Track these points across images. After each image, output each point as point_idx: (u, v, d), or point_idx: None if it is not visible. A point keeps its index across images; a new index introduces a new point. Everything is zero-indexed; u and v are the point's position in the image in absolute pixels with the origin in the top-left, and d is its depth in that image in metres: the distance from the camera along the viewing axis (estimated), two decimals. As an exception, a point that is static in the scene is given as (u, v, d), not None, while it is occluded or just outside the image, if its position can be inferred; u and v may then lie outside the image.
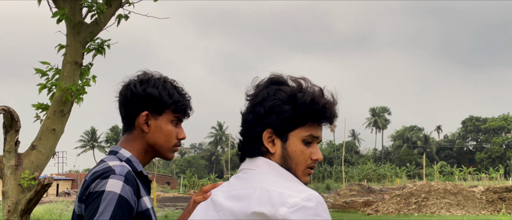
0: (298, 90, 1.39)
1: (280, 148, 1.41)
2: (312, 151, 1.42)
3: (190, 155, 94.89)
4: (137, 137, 1.72)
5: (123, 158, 1.68)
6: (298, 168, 1.41)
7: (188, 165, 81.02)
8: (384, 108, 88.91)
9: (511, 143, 76.39)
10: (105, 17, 4.08)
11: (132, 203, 1.55)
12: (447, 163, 74.28)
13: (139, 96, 1.71)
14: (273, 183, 1.31)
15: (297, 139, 1.40)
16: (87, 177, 1.60)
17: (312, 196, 1.25)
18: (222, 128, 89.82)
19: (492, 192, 19.32)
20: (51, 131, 3.94)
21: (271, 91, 1.40)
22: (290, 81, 1.43)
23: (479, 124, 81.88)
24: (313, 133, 1.41)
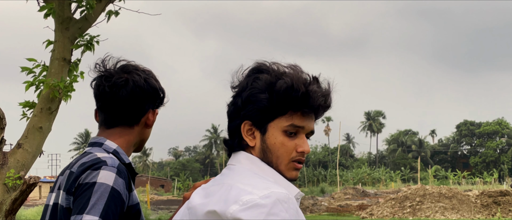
0: (278, 77, 1.28)
1: (260, 141, 1.30)
2: (297, 142, 1.29)
3: (185, 158, 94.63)
4: (136, 131, 1.72)
5: (109, 149, 1.64)
6: (280, 162, 1.29)
7: (183, 168, 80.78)
8: (379, 112, 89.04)
9: (505, 147, 76.61)
10: (95, 12, 3.98)
11: (123, 196, 1.51)
12: (442, 167, 74.44)
13: (149, 93, 1.71)
14: (243, 179, 1.22)
15: (277, 130, 1.29)
16: (74, 169, 1.54)
17: (273, 193, 1.14)
18: (216, 131, 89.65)
19: (486, 196, 19.28)
20: (38, 129, 3.83)
21: (250, 81, 1.30)
22: (274, 68, 1.31)
23: (474, 128, 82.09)
24: (295, 122, 1.28)
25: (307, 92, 1.26)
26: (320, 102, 1.29)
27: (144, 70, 1.73)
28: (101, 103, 1.69)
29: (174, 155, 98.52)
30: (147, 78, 1.71)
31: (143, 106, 1.70)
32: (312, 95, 1.27)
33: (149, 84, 1.70)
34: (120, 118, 1.68)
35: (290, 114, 1.28)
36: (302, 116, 1.29)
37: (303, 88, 1.25)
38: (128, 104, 1.67)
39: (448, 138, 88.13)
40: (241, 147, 1.33)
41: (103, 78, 1.68)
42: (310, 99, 1.27)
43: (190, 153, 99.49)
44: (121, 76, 1.67)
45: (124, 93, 1.66)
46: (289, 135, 1.29)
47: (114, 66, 1.71)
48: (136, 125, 1.71)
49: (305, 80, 1.27)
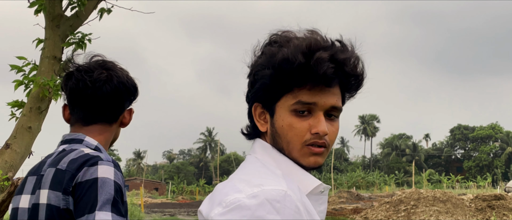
0: (281, 48, 1.09)
1: (270, 125, 1.13)
2: (311, 122, 1.08)
3: (179, 161, 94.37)
4: (113, 129, 1.68)
5: (91, 146, 1.59)
6: (291, 147, 1.09)
7: (177, 171, 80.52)
8: (373, 116, 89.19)
9: (499, 151, 76.88)
10: (86, 10, 3.90)
11: (124, 191, 1.48)
12: (435, 171, 74.55)
13: (131, 91, 1.68)
14: (245, 173, 1.08)
15: (285, 111, 1.10)
16: (62, 166, 1.46)
17: (263, 191, 0.97)
18: (211, 133, 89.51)
19: (481, 200, 19.29)
20: (27, 128, 3.73)
21: (257, 56, 1.15)
22: (283, 37, 1.12)
23: (467, 132, 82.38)
24: (303, 98, 1.07)
25: (307, 62, 1.05)
26: (328, 71, 1.05)
27: (121, 67, 1.69)
28: (80, 98, 1.61)
29: (168, 158, 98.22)
30: (128, 75, 1.68)
31: (123, 104, 1.67)
32: (316, 64, 1.05)
33: (131, 81, 1.68)
34: (101, 115, 1.63)
35: (298, 89, 1.08)
36: (310, 90, 1.08)
37: (300, 58, 1.05)
38: (110, 101, 1.62)
39: (442, 142, 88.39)
40: (257, 134, 1.18)
41: (84, 72, 1.61)
42: (313, 70, 1.05)
43: (184, 156, 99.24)
44: (102, 71, 1.61)
45: (107, 89, 1.61)
46: (300, 114, 1.09)
47: (94, 63, 1.65)
48: (114, 122, 1.67)
49: (310, 47, 1.06)
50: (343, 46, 1.10)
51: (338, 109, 1.11)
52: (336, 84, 1.10)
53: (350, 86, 1.13)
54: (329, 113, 1.11)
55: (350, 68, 1.08)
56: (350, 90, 1.14)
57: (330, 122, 1.11)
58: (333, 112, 1.11)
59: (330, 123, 1.11)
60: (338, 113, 1.12)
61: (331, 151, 37.74)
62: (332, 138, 1.11)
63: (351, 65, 1.09)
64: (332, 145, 1.12)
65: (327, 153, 1.11)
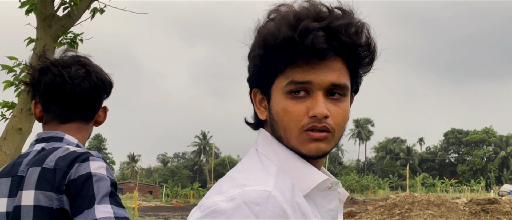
0: (272, 22, 0.98)
1: (268, 112, 1.02)
2: (308, 105, 0.95)
3: (173, 164, 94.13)
4: (89, 127, 1.63)
5: (72, 144, 1.53)
6: (288, 135, 0.96)
7: (171, 175, 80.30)
8: (368, 120, 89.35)
9: (492, 155, 77.18)
10: (79, 9, 3.84)
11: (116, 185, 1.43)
12: (429, 174, 74.74)
13: (109, 88, 1.64)
14: (238, 170, 0.97)
15: (279, 94, 0.97)
16: (49, 165, 1.40)
17: (242, 193, 0.87)
18: (205, 137, 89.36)
19: (475, 204, 19.32)
20: (17, 130, 3.67)
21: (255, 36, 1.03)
22: (278, 11, 0.98)
23: (461, 136, 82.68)
24: (296, 77, 0.94)
25: (293, 35, 0.92)
26: (317, 42, 0.91)
27: (95, 64, 1.63)
28: (57, 95, 1.53)
29: (162, 161, 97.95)
30: (104, 71, 1.63)
31: (100, 101, 1.62)
32: (301, 35, 0.91)
33: (108, 78, 1.63)
34: (78, 112, 1.57)
35: (289, 69, 0.95)
36: (304, 68, 0.94)
37: (285, 31, 0.92)
38: (89, 98, 1.56)
39: (436, 146, 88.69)
40: (261, 123, 1.06)
41: (60, 67, 1.53)
42: (300, 43, 0.92)
43: (179, 159, 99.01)
44: (80, 67, 1.55)
45: (86, 85, 1.55)
46: (296, 96, 0.95)
47: (69, 58, 1.58)
48: (91, 120, 1.62)
49: (297, 17, 0.93)
50: (343, 13, 0.96)
51: (342, 87, 0.96)
52: (336, 58, 0.96)
53: (355, 60, 0.98)
54: (332, 91, 0.96)
55: (348, 37, 0.94)
56: (357, 64, 0.99)
57: (334, 102, 0.96)
58: (336, 90, 0.96)
59: (333, 103, 0.96)
60: (344, 91, 0.97)
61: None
62: (338, 121, 0.96)
63: (350, 34, 0.94)
64: (340, 130, 0.98)
65: (333, 140, 0.97)
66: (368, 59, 0.99)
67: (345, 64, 0.97)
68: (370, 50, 0.98)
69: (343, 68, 0.97)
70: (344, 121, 0.98)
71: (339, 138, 0.99)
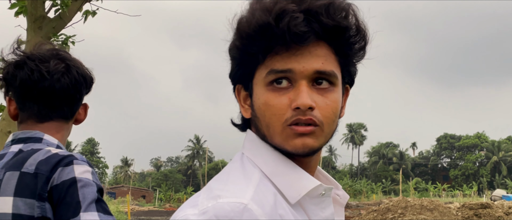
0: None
1: (251, 109, 0.92)
2: (291, 96, 0.85)
3: (167, 168, 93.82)
4: (69, 126, 1.52)
5: (52, 145, 1.42)
6: (272, 132, 0.87)
7: (165, 179, 80.00)
8: (361, 124, 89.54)
9: (485, 160, 77.51)
10: (70, 11, 3.80)
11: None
12: (422, 179, 75.00)
13: (90, 83, 1.53)
14: (217, 178, 0.88)
15: (260, 87, 0.88)
16: (29, 169, 1.29)
17: (215, 207, 0.78)
18: (199, 141, 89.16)
19: (468, 209, 19.38)
20: (6, 133, 3.62)
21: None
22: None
23: (454, 141, 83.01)
24: (276, 66, 0.85)
25: (268, 19, 0.83)
26: (293, 24, 0.82)
27: (76, 58, 1.51)
28: (34, 92, 1.41)
29: (155, 165, 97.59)
30: (84, 65, 1.51)
31: (81, 98, 1.51)
32: (277, 18, 0.83)
33: (90, 73, 1.52)
34: (58, 110, 1.45)
35: (268, 57, 0.86)
36: (284, 55, 0.85)
37: (259, 15, 0.84)
38: (69, 95, 1.45)
39: (429, 150, 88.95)
40: (247, 124, 0.96)
41: (38, 61, 1.40)
42: (276, 27, 0.83)
43: (172, 163, 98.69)
44: (59, 61, 1.43)
45: (66, 81, 1.43)
46: (277, 87, 0.86)
47: (47, 51, 1.45)
48: (70, 119, 1.50)
49: (274, 1, 0.85)
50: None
51: (329, 74, 0.86)
52: (320, 43, 0.87)
53: (343, 45, 0.88)
54: (318, 80, 0.87)
55: (330, 18, 0.84)
56: (346, 50, 0.89)
57: (322, 93, 0.87)
58: (323, 78, 0.87)
59: (320, 93, 0.86)
60: (333, 80, 0.87)
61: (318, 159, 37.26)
62: (326, 113, 0.86)
63: (332, 15, 0.84)
64: (329, 123, 0.87)
65: (323, 135, 0.87)
66: (358, 44, 0.90)
67: (332, 51, 0.88)
68: (359, 33, 0.89)
69: (330, 55, 0.87)
70: (333, 113, 0.87)
71: (330, 133, 0.89)
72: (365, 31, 0.89)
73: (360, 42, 0.90)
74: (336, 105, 0.88)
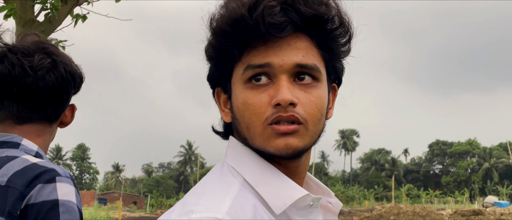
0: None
1: (231, 112, 0.87)
2: (271, 93, 0.79)
3: (158, 174, 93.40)
4: (53, 129, 1.35)
5: (31, 152, 1.26)
6: (252, 134, 0.80)
7: (156, 185, 79.63)
8: (353, 131, 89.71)
9: (476, 167, 77.84)
10: (60, 15, 3.74)
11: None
12: (414, 186, 75.15)
13: (79, 82, 1.37)
14: (194, 190, 0.81)
15: (238, 86, 0.82)
16: (2, 180, 1.13)
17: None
18: (191, 147, 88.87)
19: (460, 215, 19.40)
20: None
21: None
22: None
23: (445, 147, 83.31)
24: (252, 61, 0.80)
25: (241, 11, 0.78)
26: (268, 14, 0.77)
27: (64, 52, 1.36)
28: (15, 89, 1.25)
29: (146, 171, 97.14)
30: (73, 61, 1.35)
31: (68, 98, 1.34)
32: (251, 9, 0.78)
33: (79, 70, 1.36)
34: (40, 111, 1.29)
35: (245, 53, 0.81)
36: (260, 49, 0.80)
37: (232, 10, 0.80)
38: (54, 94, 1.29)
39: (421, 157, 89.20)
40: (230, 130, 0.89)
41: (20, 54, 1.25)
42: (251, 18, 0.77)
43: (164, 169, 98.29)
44: (44, 56, 1.28)
45: (51, 79, 1.27)
46: (256, 84, 0.80)
47: (32, 44, 1.30)
48: (55, 121, 1.34)
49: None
50: None
51: (311, 68, 0.81)
52: (300, 35, 0.81)
53: (325, 37, 0.83)
54: (300, 75, 0.81)
55: (308, 7, 0.79)
56: (328, 42, 0.84)
57: (304, 88, 0.81)
58: (305, 73, 0.81)
59: (303, 89, 0.81)
60: (316, 74, 0.81)
61: (311, 166, 35.57)
62: (310, 110, 0.80)
63: (310, 4, 0.79)
64: (314, 121, 0.81)
65: (307, 134, 0.80)
66: (341, 36, 0.84)
67: (314, 44, 0.83)
68: (341, 25, 0.83)
69: (311, 48, 0.82)
70: (318, 110, 0.81)
71: (316, 133, 0.82)
72: (348, 23, 0.84)
73: (343, 35, 0.84)
74: (321, 101, 0.82)
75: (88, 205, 43.89)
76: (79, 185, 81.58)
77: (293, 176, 0.84)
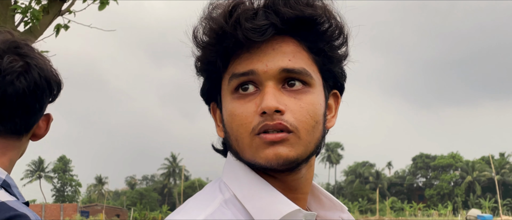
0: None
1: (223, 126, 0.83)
2: (257, 101, 0.75)
3: (142, 187, 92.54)
4: (22, 143, 1.17)
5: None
6: (241, 146, 0.76)
7: (140, 197, 78.85)
8: (338, 143, 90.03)
9: (459, 180, 78.52)
10: (41, 25, 3.67)
11: None
12: (398, 198, 75.52)
13: (57, 90, 1.19)
14: (182, 207, 0.79)
15: (226, 97, 0.79)
16: None
17: None
18: (175, 159, 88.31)
19: (443, 228, 19.50)
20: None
21: None
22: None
23: (429, 161, 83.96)
24: (236, 69, 0.76)
25: (220, 19, 0.76)
26: (250, 19, 0.73)
27: (40, 53, 1.19)
28: None
29: (129, 184, 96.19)
30: (51, 65, 1.19)
31: (42, 107, 1.16)
32: (228, 14, 0.75)
33: (56, 75, 1.19)
34: (8, 122, 1.11)
35: (230, 63, 0.78)
36: (243, 57, 0.76)
37: (212, 19, 0.77)
38: (25, 102, 1.11)
39: (404, 170, 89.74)
40: (228, 146, 0.83)
41: None
42: (227, 24, 0.75)
43: (147, 181, 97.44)
44: (15, 58, 1.11)
45: (22, 85, 1.10)
46: (243, 94, 0.76)
47: (1, 43, 1.13)
48: (25, 134, 1.16)
49: (229, 2, 0.77)
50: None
51: (300, 73, 0.76)
52: (285, 38, 0.77)
53: (313, 38, 0.78)
54: (290, 82, 0.76)
55: (289, 8, 0.74)
56: (318, 44, 0.78)
57: (294, 95, 0.76)
58: (294, 78, 0.76)
59: (292, 95, 0.76)
60: (307, 79, 0.77)
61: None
62: (301, 117, 0.75)
63: (291, 3, 0.75)
64: (307, 129, 0.75)
65: (300, 142, 0.75)
66: (333, 38, 0.79)
67: (304, 47, 0.78)
68: (330, 25, 0.78)
69: (299, 51, 0.77)
70: (311, 117, 0.75)
71: (311, 142, 0.77)
72: (340, 24, 0.79)
73: (336, 37, 0.79)
74: (314, 107, 0.76)
75: (70, 218, 43.17)
76: (61, 198, 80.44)
77: (292, 191, 0.80)
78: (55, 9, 3.76)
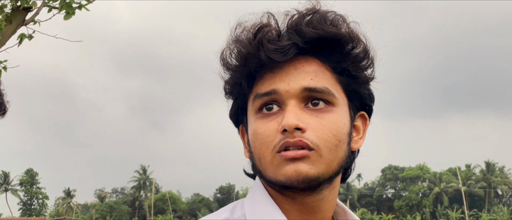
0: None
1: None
2: (279, 120, 0.76)
3: (112, 199, 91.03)
4: None
5: None
6: (264, 165, 0.77)
7: (110, 210, 77.55)
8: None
9: (427, 191, 79.88)
10: (4, 35, 3.76)
11: None
12: (368, 210, 76.33)
13: (2, 111, 1.14)
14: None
15: (251, 118, 0.80)
16: None
17: None
18: (146, 171, 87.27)
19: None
20: None
21: None
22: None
23: (397, 172, 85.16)
24: (260, 89, 0.78)
25: (244, 41, 0.78)
26: (273, 39, 0.76)
27: None
28: None
29: (99, 196, 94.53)
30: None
31: None
32: (254, 38, 0.77)
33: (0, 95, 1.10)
34: None
35: (255, 84, 0.80)
36: (266, 77, 0.78)
37: (238, 41, 0.79)
38: None
39: (374, 181, 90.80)
40: (252, 166, 0.84)
41: None
42: (250, 44, 0.77)
43: (117, 194, 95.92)
44: None
45: None
46: (267, 113, 0.78)
47: None
48: None
49: (253, 25, 0.79)
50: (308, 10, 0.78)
51: (323, 92, 0.76)
52: (308, 59, 0.78)
53: (336, 58, 0.79)
54: (313, 101, 0.77)
55: (311, 27, 0.76)
56: (341, 63, 0.79)
57: (317, 113, 0.76)
58: (317, 97, 0.77)
59: (315, 114, 0.76)
60: (330, 99, 0.77)
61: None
62: (323, 135, 0.75)
63: (314, 23, 0.76)
64: (329, 147, 0.75)
65: (321, 160, 0.74)
66: (358, 59, 0.80)
67: (327, 67, 0.79)
68: (354, 44, 0.79)
69: (322, 71, 0.78)
70: (333, 135, 0.75)
71: (333, 161, 0.76)
72: (364, 43, 0.80)
73: (361, 58, 0.80)
74: (336, 126, 0.76)
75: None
76: (28, 211, 78.39)
77: (312, 214, 0.79)
78: (18, 18, 3.84)
